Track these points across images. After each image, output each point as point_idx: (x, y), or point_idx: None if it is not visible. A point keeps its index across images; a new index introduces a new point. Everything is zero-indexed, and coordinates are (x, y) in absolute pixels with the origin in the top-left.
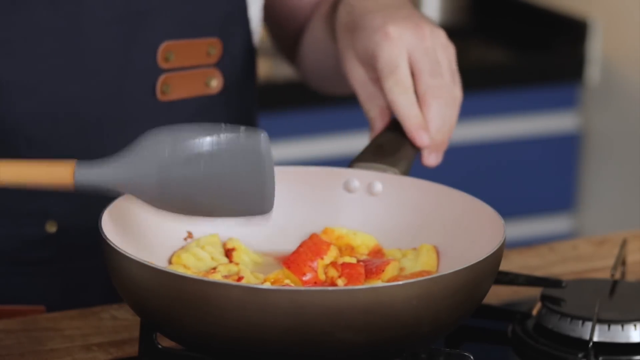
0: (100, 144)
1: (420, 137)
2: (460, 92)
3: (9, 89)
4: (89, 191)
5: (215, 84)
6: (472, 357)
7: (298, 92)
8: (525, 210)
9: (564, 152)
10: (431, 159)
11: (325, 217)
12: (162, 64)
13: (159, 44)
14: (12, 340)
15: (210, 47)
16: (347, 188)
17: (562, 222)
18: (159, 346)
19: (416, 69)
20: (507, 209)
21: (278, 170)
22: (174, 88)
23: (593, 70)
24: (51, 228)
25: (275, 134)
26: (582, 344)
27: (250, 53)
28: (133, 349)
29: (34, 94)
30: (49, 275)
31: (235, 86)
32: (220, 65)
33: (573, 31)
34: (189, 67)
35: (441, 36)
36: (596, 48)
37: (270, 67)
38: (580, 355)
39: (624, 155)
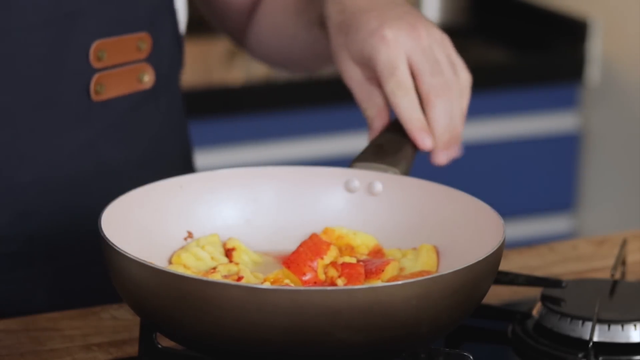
0: (37, 148)
1: (423, 140)
2: (467, 75)
3: None
4: None
5: (148, 78)
6: (471, 357)
7: (298, 92)
8: (525, 210)
9: (564, 152)
10: (440, 158)
11: (325, 217)
12: (95, 64)
13: (90, 43)
14: (12, 340)
15: (140, 42)
16: (347, 188)
17: (562, 222)
18: (159, 346)
19: (416, 70)
20: (507, 209)
21: (278, 170)
22: (107, 87)
23: (593, 70)
24: None
25: (275, 134)
26: (582, 344)
27: (178, 43)
28: (133, 349)
29: None
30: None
31: (166, 79)
32: (150, 59)
33: (573, 31)
34: (121, 64)
35: (436, 32)
36: (596, 48)
37: (270, 68)
38: (580, 355)
39: (624, 155)
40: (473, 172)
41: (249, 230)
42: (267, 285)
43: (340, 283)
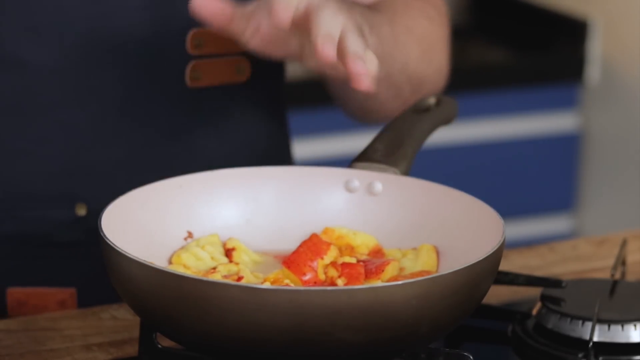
0: (129, 129)
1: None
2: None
3: (37, 74)
4: None
5: (244, 71)
6: (471, 357)
7: (298, 92)
8: (525, 210)
9: (564, 152)
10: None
11: (325, 217)
12: (192, 51)
13: (188, 30)
14: (12, 340)
15: None
16: (347, 188)
17: (562, 222)
18: (159, 346)
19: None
20: (507, 209)
21: (278, 170)
22: (204, 75)
23: (593, 70)
24: (80, 211)
25: None
26: (582, 344)
27: None
28: (133, 349)
29: (62, 79)
30: (79, 258)
31: (263, 74)
32: (248, 53)
33: (573, 31)
34: (219, 54)
35: None
36: (596, 48)
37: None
38: (580, 355)
39: (624, 155)
40: (473, 172)
41: (249, 230)
42: (267, 285)
43: (340, 283)
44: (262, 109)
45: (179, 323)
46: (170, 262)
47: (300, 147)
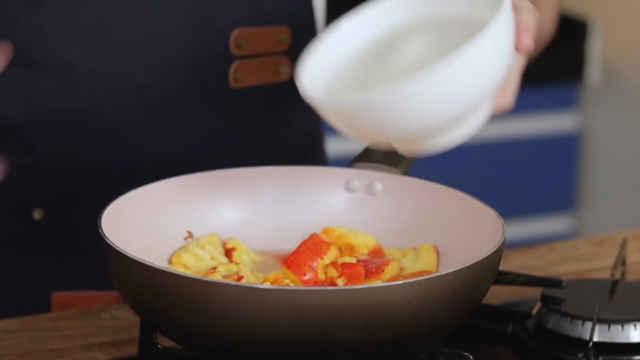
0: (174, 131)
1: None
2: None
3: (83, 77)
4: None
5: (285, 71)
6: (471, 357)
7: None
8: (525, 210)
9: (564, 152)
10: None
11: (325, 217)
12: (235, 52)
13: (232, 31)
14: (12, 340)
15: (280, 35)
16: (347, 188)
17: (562, 222)
18: (159, 346)
19: None
20: (507, 209)
21: (278, 170)
22: (246, 75)
23: (593, 70)
24: None
25: None
26: (582, 344)
27: None
28: (133, 349)
29: (108, 81)
30: None
31: None
32: (289, 53)
33: (573, 31)
34: (260, 54)
35: None
36: (596, 48)
37: None
38: (580, 355)
39: (624, 155)
40: (473, 172)
41: (249, 230)
42: (267, 285)
43: (340, 283)
44: (303, 109)
45: (179, 323)
46: (170, 262)
47: None
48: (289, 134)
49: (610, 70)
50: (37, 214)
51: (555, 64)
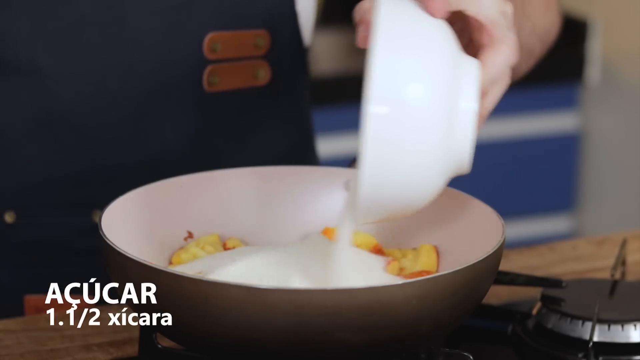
0: (147, 135)
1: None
2: None
3: (53, 80)
4: None
5: (263, 75)
6: (471, 357)
7: None
8: (525, 210)
9: (564, 152)
10: None
11: (325, 217)
12: (209, 55)
13: (205, 34)
14: (12, 340)
15: (258, 39)
16: (347, 188)
17: (562, 222)
18: (159, 346)
19: None
20: (507, 209)
21: (279, 170)
22: (221, 79)
23: (593, 70)
24: (97, 217)
25: None
26: (582, 344)
27: (299, 47)
28: (133, 349)
29: (78, 85)
30: (97, 265)
31: (284, 79)
32: (268, 57)
33: (573, 31)
34: (237, 58)
35: None
36: (596, 48)
37: None
38: (580, 355)
39: (624, 155)
40: (473, 172)
41: (249, 229)
42: (267, 285)
43: None
44: (284, 113)
45: (179, 323)
46: (170, 262)
47: None
48: (269, 138)
49: (610, 70)
50: (8, 217)
51: (555, 64)
